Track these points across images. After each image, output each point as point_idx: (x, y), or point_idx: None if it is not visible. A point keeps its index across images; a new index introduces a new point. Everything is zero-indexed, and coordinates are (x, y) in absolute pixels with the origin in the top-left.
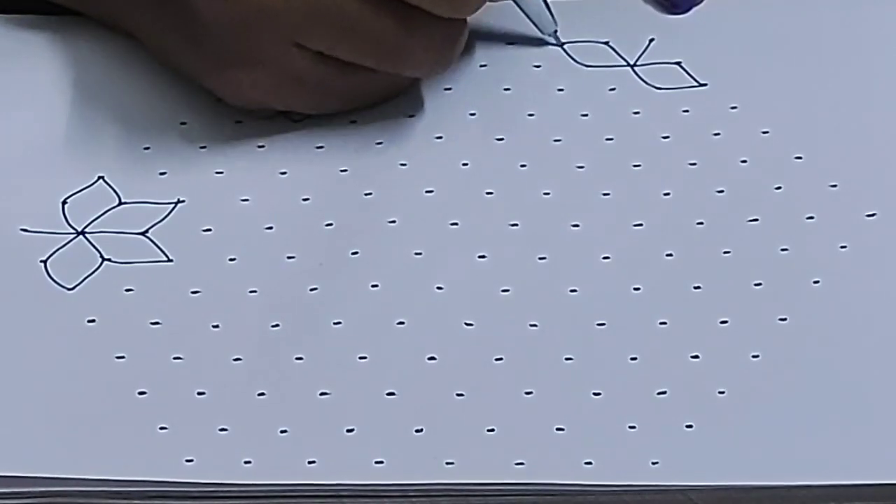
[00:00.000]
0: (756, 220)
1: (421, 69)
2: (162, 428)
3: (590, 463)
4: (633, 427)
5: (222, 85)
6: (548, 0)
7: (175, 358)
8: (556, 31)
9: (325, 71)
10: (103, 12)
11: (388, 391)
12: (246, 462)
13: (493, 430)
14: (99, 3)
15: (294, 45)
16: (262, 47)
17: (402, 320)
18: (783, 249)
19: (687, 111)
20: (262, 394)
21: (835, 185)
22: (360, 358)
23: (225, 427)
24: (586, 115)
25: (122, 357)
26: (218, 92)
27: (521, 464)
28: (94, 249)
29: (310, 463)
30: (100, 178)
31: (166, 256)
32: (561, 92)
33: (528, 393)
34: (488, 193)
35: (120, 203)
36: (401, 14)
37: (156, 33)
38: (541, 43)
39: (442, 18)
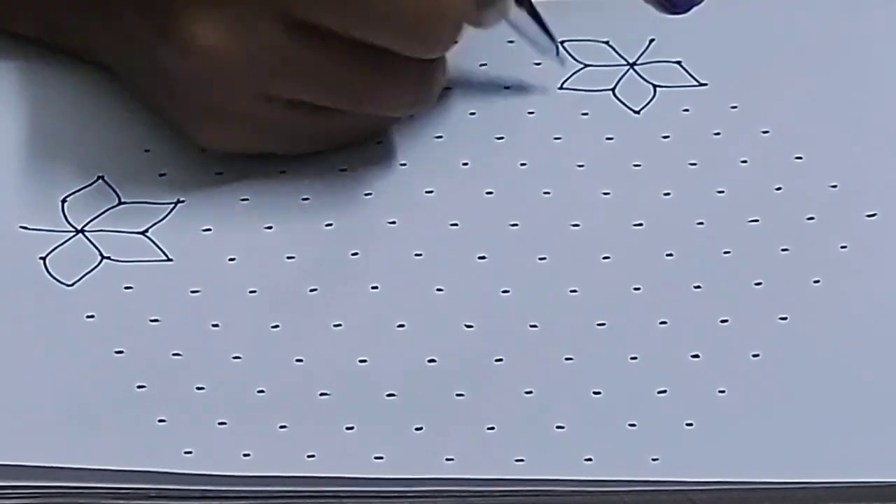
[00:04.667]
0: (756, 220)
1: (399, 110)
2: (161, 420)
3: (590, 459)
4: (633, 425)
5: (196, 134)
6: (545, 21)
7: (174, 354)
8: (557, 53)
9: (299, 117)
10: (77, 46)
11: (387, 392)
12: (245, 455)
13: (493, 427)
14: (72, 35)
15: (263, 97)
16: (231, 102)
17: (402, 322)
18: (783, 249)
19: (687, 111)
20: (262, 391)
21: (835, 186)
22: (360, 361)
23: (224, 421)
24: (586, 114)
25: (121, 352)
26: (192, 138)
27: (521, 460)
28: (93, 248)
29: (309, 457)
30: (99, 178)
31: (166, 256)
32: (561, 90)
33: (528, 392)
34: (488, 193)
35: (120, 203)
36: (369, 58)
37: (128, 72)
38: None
39: (415, 58)
